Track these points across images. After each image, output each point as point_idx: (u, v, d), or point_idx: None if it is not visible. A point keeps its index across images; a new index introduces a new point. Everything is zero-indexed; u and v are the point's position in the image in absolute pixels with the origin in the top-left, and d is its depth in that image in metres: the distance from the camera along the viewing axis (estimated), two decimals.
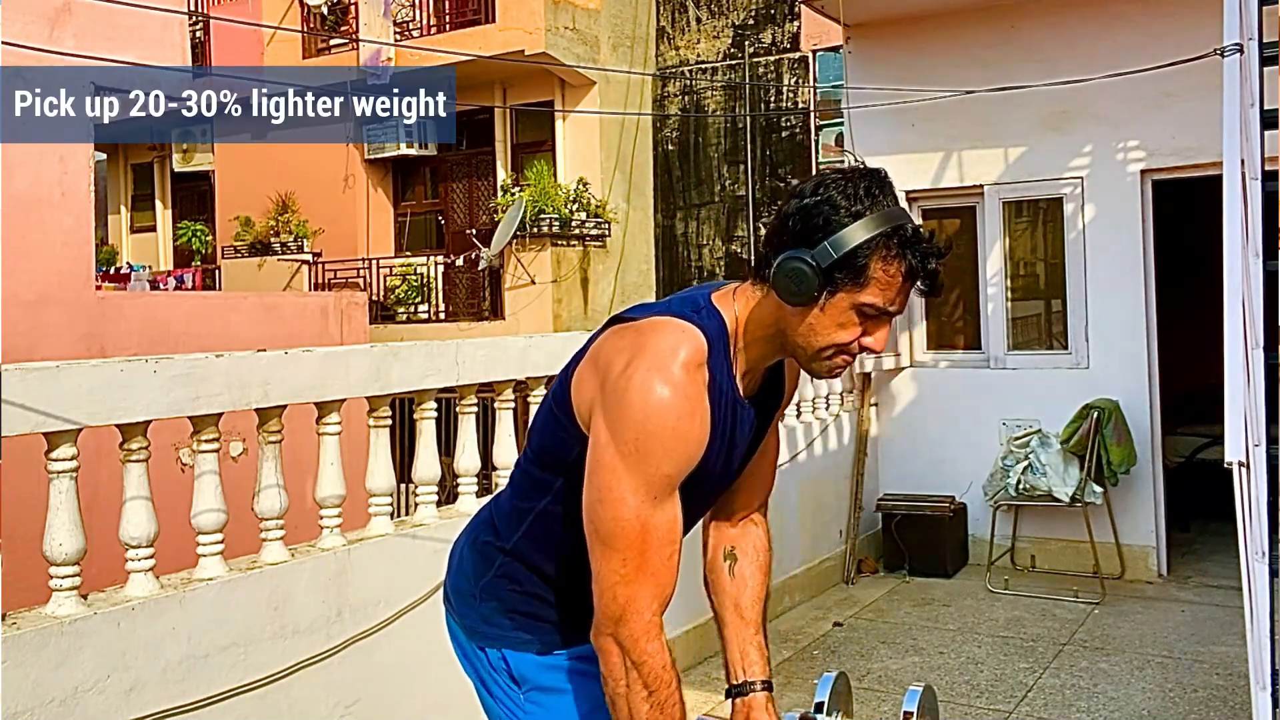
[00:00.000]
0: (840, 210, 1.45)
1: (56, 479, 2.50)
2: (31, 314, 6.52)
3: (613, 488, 1.47)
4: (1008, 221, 6.26)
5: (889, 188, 1.50)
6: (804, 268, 1.45)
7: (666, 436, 1.46)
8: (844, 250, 1.44)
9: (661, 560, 1.48)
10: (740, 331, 1.56)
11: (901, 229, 1.46)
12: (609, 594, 1.48)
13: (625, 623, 1.48)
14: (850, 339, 1.50)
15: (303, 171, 12.97)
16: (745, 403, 1.61)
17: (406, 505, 3.98)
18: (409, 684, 3.23)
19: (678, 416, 1.46)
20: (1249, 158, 3.34)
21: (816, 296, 1.46)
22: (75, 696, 2.39)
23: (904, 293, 1.49)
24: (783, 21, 11.28)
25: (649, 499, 1.47)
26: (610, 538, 1.48)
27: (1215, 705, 4.03)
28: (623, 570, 1.48)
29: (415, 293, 12.35)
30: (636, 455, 1.46)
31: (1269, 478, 2.97)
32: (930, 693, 1.80)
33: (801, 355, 1.55)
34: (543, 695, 1.69)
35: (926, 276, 1.48)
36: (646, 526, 1.47)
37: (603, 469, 1.47)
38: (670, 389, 1.46)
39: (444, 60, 10.44)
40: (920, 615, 5.27)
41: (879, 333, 1.51)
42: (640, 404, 1.46)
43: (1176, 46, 5.34)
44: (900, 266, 1.46)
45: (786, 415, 5.56)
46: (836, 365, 1.54)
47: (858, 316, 1.48)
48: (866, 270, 1.45)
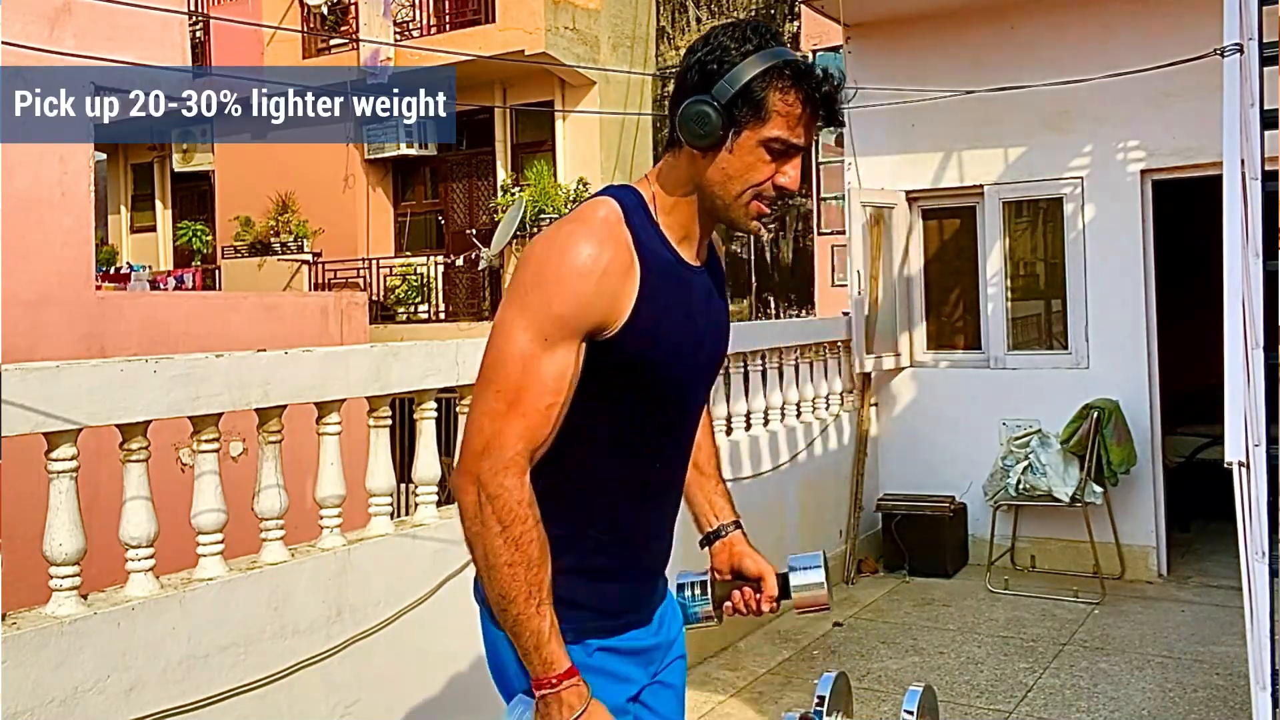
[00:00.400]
0: (731, 51, 1.50)
1: (56, 479, 2.50)
2: (31, 314, 6.52)
3: (502, 325, 1.48)
4: (1008, 221, 6.26)
5: (777, 35, 1.55)
6: (706, 109, 1.48)
7: (564, 272, 1.46)
8: (740, 84, 1.48)
9: (538, 406, 1.46)
10: (659, 196, 1.58)
11: (793, 61, 1.50)
12: (475, 426, 1.48)
13: (487, 456, 1.46)
14: (763, 178, 1.52)
15: (303, 171, 12.97)
16: (698, 268, 1.62)
17: (406, 505, 3.98)
18: (409, 684, 3.23)
19: (579, 254, 1.46)
20: (1249, 158, 3.33)
21: (723, 136, 1.49)
22: (75, 696, 2.38)
23: (806, 124, 1.51)
24: (783, 21, 11.28)
25: (537, 339, 1.45)
26: (489, 370, 1.49)
27: (1215, 705, 4.03)
28: (495, 405, 1.47)
29: (415, 293, 12.36)
30: (530, 292, 1.47)
31: (1269, 478, 2.97)
32: (930, 693, 1.80)
33: (721, 207, 1.55)
34: None
35: (824, 102, 1.51)
36: (529, 366, 1.46)
37: (499, 314, 1.50)
38: (571, 230, 1.49)
39: (444, 60, 10.45)
40: (920, 615, 5.27)
41: (791, 170, 1.53)
42: (541, 245, 1.50)
43: (1176, 46, 5.34)
44: (798, 95, 1.49)
45: (786, 415, 5.56)
46: (756, 212, 1.55)
47: (767, 154, 1.51)
48: (766, 103, 1.48)
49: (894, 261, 6.39)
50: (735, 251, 11.52)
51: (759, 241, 11.35)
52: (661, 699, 1.73)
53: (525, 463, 1.47)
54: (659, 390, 1.58)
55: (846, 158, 6.49)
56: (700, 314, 1.62)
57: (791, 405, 5.63)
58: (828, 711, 1.74)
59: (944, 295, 6.56)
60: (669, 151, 1.58)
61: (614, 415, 1.56)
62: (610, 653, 1.61)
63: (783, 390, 5.54)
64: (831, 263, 10.25)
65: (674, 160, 1.57)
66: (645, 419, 1.59)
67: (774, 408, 5.46)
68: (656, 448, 1.63)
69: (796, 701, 4.14)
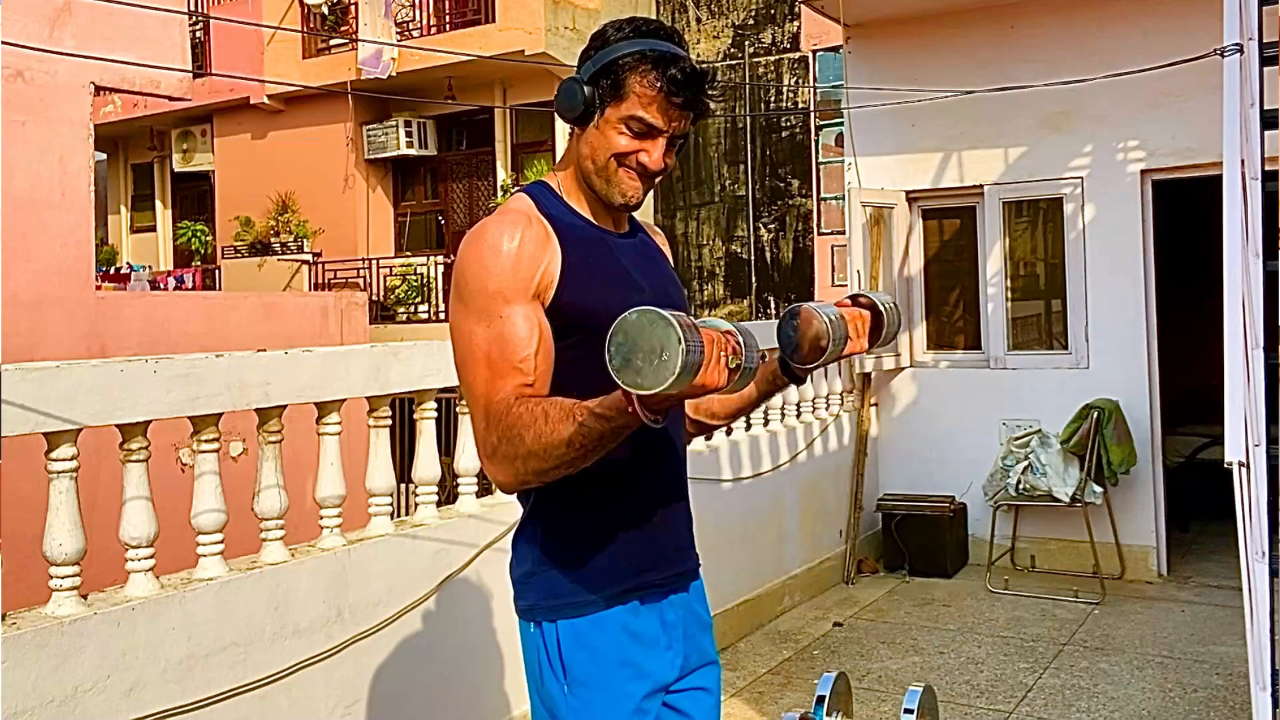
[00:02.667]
0: (609, 39, 1.63)
1: (56, 479, 2.50)
2: (31, 314, 6.52)
3: (454, 325, 1.58)
4: (1008, 221, 6.26)
5: (668, 31, 1.65)
6: (572, 85, 1.62)
7: (486, 254, 1.56)
8: (602, 63, 1.60)
9: (514, 364, 1.53)
10: (563, 180, 1.70)
11: (657, 48, 1.59)
12: (471, 414, 1.57)
13: (487, 420, 1.53)
14: (626, 149, 1.61)
15: (303, 171, 12.97)
16: (618, 234, 1.72)
17: (406, 505, 3.98)
18: (409, 684, 3.23)
19: (495, 235, 1.57)
20: (1249, 158, 3.33)
21: (586, 110, 1.61)
22: (75, 696, 2.39)
23: (663, 108, 1.59)
24: (783, 21, 11.27)
25: (486, 318, 1.54)
26: (461, 369, 1.59)
27: (1215, 705, 4.03)
28: (477, 388, 1.55)
29: (415, 293, 12.35)
30: (466, 284, 1.57)
31: (1269, 478, 2.97)
32: (930, 693, 1.81)
33: (594, 179, 1.65)
34: (584, 690, 1.62)
35: (675, 86, 1.57)
36: (489, 344, 1.54)
37: (450, 318, 1.60)
38: (483, 223, 1.61)
39: (444, 60, 10.44)
40: (920, 615, 5.27)
41: (655, 151, 1.62)
42: (464, 243, 1.60)
43: (1176, 46, 5.34)
44: (654, 77, 1.58)
45: (786, 415, 5.57)
46: (624, 183, 1.63)
47: (628, 131, 1.60)
48: (625, 83, 1.59)
49: (894, 261, 6.39)
50: (735, 251, 11.53)
51: (759, 241, 11.35)
52: (698, 703, 1.74)
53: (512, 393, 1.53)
54: None
55: (846, 158, 6.49)
56: (642, 275, 1.70)
57: (791, 405, 5.63)
58: (828, 711, 1.75)
59: (944, 295, 6.56)
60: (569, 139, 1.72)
61: (581, 381, 1.55)
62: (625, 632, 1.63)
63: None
64: (831, 263, 10.25)
65: (569, 146, 1.71)
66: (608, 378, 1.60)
67: (774, 408, 5.46)
68: None
69: (796, 701, 4.14)
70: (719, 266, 11.65)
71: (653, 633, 1.67)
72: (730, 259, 11.60)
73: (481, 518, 3.54)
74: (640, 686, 1.64)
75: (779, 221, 11.29)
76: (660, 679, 1.67)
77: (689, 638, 1.74)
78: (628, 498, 1.66)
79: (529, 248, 1.57)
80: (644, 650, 1.65)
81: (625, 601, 1.64)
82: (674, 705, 1.72)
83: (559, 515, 1.65)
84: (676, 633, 1.71)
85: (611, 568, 1.64)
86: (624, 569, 1.64)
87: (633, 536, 1.66)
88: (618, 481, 1.64)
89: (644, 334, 1.29)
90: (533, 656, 1.67)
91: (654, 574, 1.68)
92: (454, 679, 3.39)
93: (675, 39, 1.64)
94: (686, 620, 1.74)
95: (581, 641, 1.63)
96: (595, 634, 1.62)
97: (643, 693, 1.64)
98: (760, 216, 11.39)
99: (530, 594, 1.67)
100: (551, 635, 1.64)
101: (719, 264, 11.65)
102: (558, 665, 1.63)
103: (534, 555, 1.67)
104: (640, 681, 1.64)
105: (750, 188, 11.42)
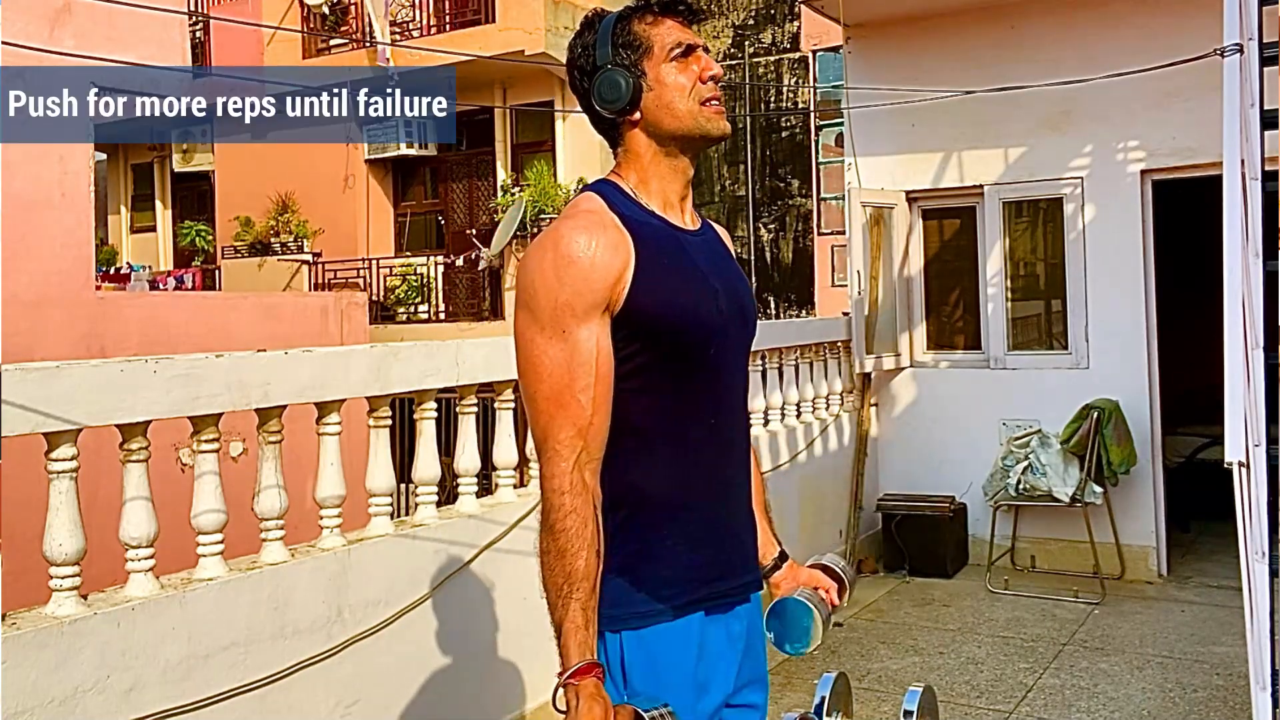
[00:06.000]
0: (593, 30, 1.65)
1: (56, 479, 2.50)
2: (31, 314, 6.52)
3: (520, 335, 1.54)
4: (1008, 221, 6.26)
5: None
6: (607, 76, 1.61)
7: (560, 263, 1.51)
8: (610, 39, 1.62)
9: (576, 395, 1.50)
10: (628, 177, 1.66)
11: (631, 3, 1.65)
12: (534, 436, 1.54)
13: (541, 455, 1.51)
14: (692, 81, 1.62)
15: (303, 171, 12.96)
16: (690, 231, 1.68)
17: (406, 505, 3.98)
18: (409, 684, 3.23)
19: (569, 243, 1.52)
20: (1249, 158, 3.33)
21: (637, 86, 1.61)
22: (75, 696, 2.38)
23: (679, 30, 1.64)
24: (783, 21, 11.28)
25: (555, 334, 1.50)
26: (524, 381, 1.54)
27: (1215, 705, 4.03)
28: (540, 409, 1.52)
29: (415, 293, 12.35)
30: (535, 294, 1.52)
31: (1269, 478, 2.97)
32: (930, 693, 1.80)
33: (684, 128, 1.63)
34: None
35: (683, 6, 1.64)
36: (556, 362, 1.50)
37: (515, 326, 1.56)
38: (557, 227, 1.56)
39: (444, 60, 10.44)
40: (920, 615, 5.27)
41: (704, 60, 1.64)
42: (535, 249, 1.56)
43: (1176, 46, 5.34)
44: (652, 12, 1.63)
45: (786, 415, 5.56)
46: (713, 112, 1.64)
47: (677, 66, 1.62)
48: (639, 35, 1.62)
49: (894, 261, 6.39)
50: (735, 251, 11.52)
51: (759, 242, 11.35)
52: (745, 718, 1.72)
53: (571, 452, 1.49)
54: (685, 346, 1.58)
55: (846, 158, 6.49)
56: (712, 272, 1.66)
57: (791, 405, 5.63)
58: (828, 711, 1.74)
59: (944, 295, 6.56)
60: (615, 149, 1.69)
61: (650, 387, 1.56)
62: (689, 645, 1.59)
63: (783, 390, 5.54)
64: (831, 263, 10.26)
65: (623, 147, 1.67)
66: (680, 381, 1.59)
67: (774, 408, 5.46)
68: (700, 408, 1.61)
69: (796, 701, 4.14)
70: None
71: (719, 646, 1.63)
72: None
73: (481, 518, 3.54)
74: (705, 703, 1.60)
75: (779, 222, 11.29)
76: (722, 694, 1.64)
77: (749, 650, 1.70)
78: (698, 504, 1.62)
79: (604, 254, 1.51)
80: (709, 665, 1.61)
81: (693, 611, 1.59)
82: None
83: (628, 521, 1.58)
84: (740, 646, 1.68)
85: (682, 576, 1.59)
86: (694, 578, 1.60)
87: (703, 544, 1.61)
88: (689, 487, 1.60)
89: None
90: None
91: (723, 583, 1.64)
92: (454, 679, 3.39)
93: None
94: (750, 633, 1.71)
95: (647, 653, 1.56)
96: (661, 646, 1.57)
97: (708, 711, 1.61)
98: (760, 217, 11.39)
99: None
100: (615, 646, 1.57)
101: None
102: (619, 677, 1.56)
103: (610, 553, 1.59)
104: (704, 698, 1.60)
105: (750, 188, 11.42)
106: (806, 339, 5.87)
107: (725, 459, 1.67)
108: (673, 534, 1.59)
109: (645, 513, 1.58)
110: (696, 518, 1.61)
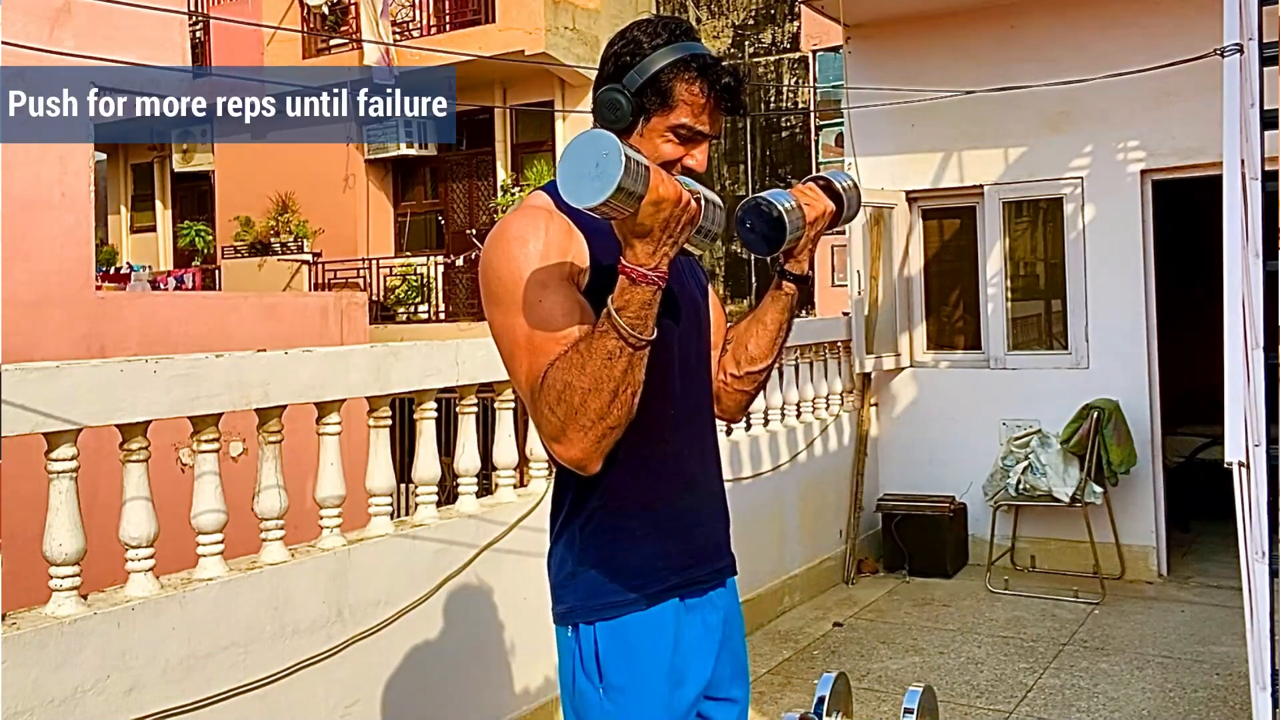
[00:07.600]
0: (643, 44, 1.59)
1: (56, 479, 2.50)
2: (31, 314, 6.52)
3: (492, 323, 1.55)
4: (1008, 221, 6.26)
5: (691, 30, 1.63)
6: (617, 96, 1.58)
7: (513, 247, 1.53)
8: (649, 74, 1.57)
9: (556, 339, 1.49)
10: None
11: (700, 55, 1.59)
12: (524, 393, 1.53)
13: (534, 390, 1.49)
14: (673, 156, 1.59)
15: (303, 171, 12.97)
16: None
17: (406, 505, 3.98)
18: (409, 684, 3.23)
19: (518, 228, 1.54)
20: (1249, 158, 3.33)
21: (633, 120, 1.58)
22: (75, 696, 2.39)
23: (710, 113, 1.60)
24: (783, 21, 11.28)
25: (524, 310, 1.51)
26: (507, 363, 1.55)
27: (1215, 705, 4.03)
28: (527, 376, 1.51)
29: (415, 293, 12.36)
30: (496, 281, 1.54)
31: (1269, 478, 2.97)
32: (930, 693, 1.81)
33: None
34: (621, 696, 1.58)
35: (726, 94, 1.59)
36: (531, 330, 1.50)
37: (487, 317, 1.57)
38: (504, 220, 1.59)
39: (444, 60, 10.44)
40: (920, 615, 5.27)
41: (699, 154, 1.62)
42: (488, 245, 1.58)
43: (1176, 46, 5.34)
44: (702, 86, 1.57)
45: (786, 415, 5.56)
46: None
47: (675, 139, 1.59)
48: (673, 92, 1.57)
49: (894, 261, 6.40)
50: (735, 251, 11.52)
51: None
52: (726, 714, 1.72)
53: None
54: None
55: (846, 158, 6.49)
56: (682, 280, 1.68)
57: (791, 405, 5.63)
58: (828, 711, 1.75)
59: (944, 295, 6.56)
60: None
61: None
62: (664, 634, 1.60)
63: (783, 390, 5.55)
64: (831, 263, 10.25)
65: None
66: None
67: (774, 408, 5.46)
68: (662, 400, 1.61)
69: (796, 701, 4.14)
70: (719, 266, 11.65)
71: (695, 637, 1.65)
72: (730, 259, 11.60)
73: (481, 518, 3.54)
74: (680, 695, 1.61)
75: None
76: (699, 686, 1.65)
77: (727, 641, 1.71)
78: (666, 495, 1.63)
79: (556, 237, 1.54)
80: (685, 656, 1.62)
81: (668, 599, 1.61)
82: (704, 714, 1.69)
83: (598, 513, 1.60)
84: (716, 636, 1.69)
85: (653, 565, 1.60)
86: (666, 566, 1.61)
87: (672, 534, 1.63)
88: (656, 479, 1.62)
89: (584, 150, 1.36)
90: (567, 663, 1.62)
91: (695, 570, 1.65)
92: (454, 679, 3.39)
93: (695, 34, 1.64)
94: (727, 624, 1.72)
95: (621, 644, 1.58)
96: (636, 635, 1.58)
97: (684, 703, 1.61)
98: None
99: (569, 596, 1.62)
100: (589, 638, 1.59)
101: (719, 264, 11.65)
102: (593, 669, 1.58)
103: (574, 556, 1.62)
104: (679, 690, 1.61)
105: (750, 188, 11.42)
106: (806, 339, 5.87)
107: (690, 449, 1.68)
108: (642, 525, 1.61)
109: (614, 505, 1.60)
110: (664, 508, 1.63)
